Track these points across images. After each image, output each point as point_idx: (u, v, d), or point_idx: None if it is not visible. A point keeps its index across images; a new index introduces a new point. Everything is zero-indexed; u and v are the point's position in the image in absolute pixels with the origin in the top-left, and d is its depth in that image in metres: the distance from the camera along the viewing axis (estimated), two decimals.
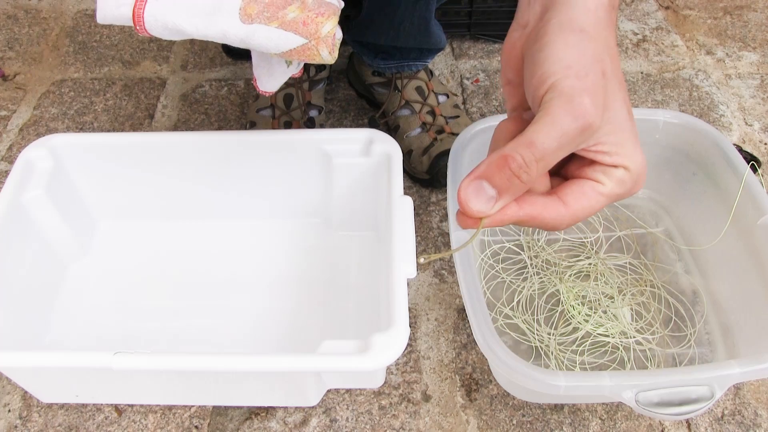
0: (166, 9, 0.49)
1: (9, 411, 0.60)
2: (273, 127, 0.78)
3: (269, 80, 0.58)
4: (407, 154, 0.78)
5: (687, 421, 0.59)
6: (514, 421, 0.59)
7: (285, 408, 0.60)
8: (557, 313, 0.65)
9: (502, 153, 0.33)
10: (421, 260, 0.39)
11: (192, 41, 1.00)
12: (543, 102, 0.33)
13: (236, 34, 0.50)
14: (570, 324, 0.64)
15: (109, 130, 0.86)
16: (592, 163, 0.36)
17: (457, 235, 0.57)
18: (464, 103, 0.90)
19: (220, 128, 0.86)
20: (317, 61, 0.52)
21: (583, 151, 0.35)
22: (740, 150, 0.68)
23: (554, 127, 0.32)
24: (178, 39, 0.51)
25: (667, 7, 1.06)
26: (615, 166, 0.35)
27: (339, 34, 0.51)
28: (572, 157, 0.37)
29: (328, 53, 0.52)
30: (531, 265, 0.69)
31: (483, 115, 0.88)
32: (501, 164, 0.33)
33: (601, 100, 0.33)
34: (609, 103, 0.34)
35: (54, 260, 0.67)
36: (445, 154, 0.73)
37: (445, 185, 0.61)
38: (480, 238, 0.71)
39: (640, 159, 0.36)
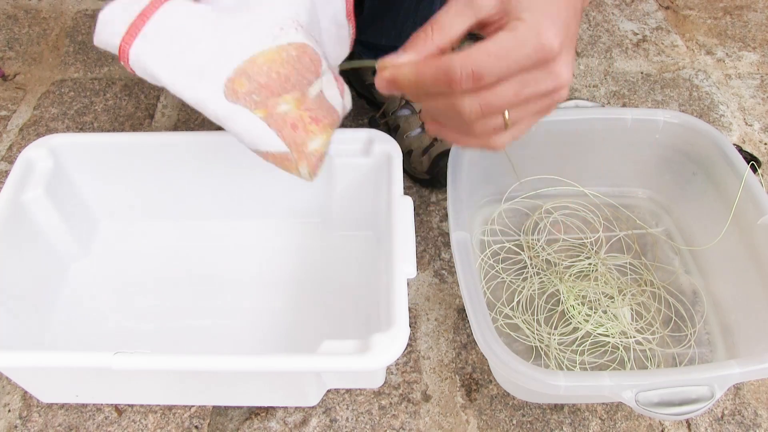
0: (149, 54, 0.45)
1: (9, 411, 0.60)
2: None
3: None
4: (407, 154, 0.78)
5: (687, 421, 0.59)
6: (514, 421, 0.59)
7: (285, 408, 0.60)
8: (557, 313, 0.65)
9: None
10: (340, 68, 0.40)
11: None
12: None
13: (214, 110, 0.45)
14: (570, 324, 0.64)
15: (109, 130, 0.86)
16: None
17: (457, 235, 0.57)
18: None
19: (220, 128, 0.86)
20: (291, 172, 0.47)
21: (494, 24, 0.37)
22: (740, 150, 0.68)
23: (450, 5, 0.37)
24: (158, 84, 0.47)
25: (667, 7, 1.06)
26: (513, 21, 0.35)
27: (326, 151, 0.46)
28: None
29: (307, 172, 0.46)
30: (531, 265, 0.69)
31: None
32: (414, 35, 0.37)
33: None
34: None
35: (54, 260, 0.67)
36: (445, 154, 0.73)
37: (445, 185, 0.61)
38: (480, 238, 0.72)
39: (547, 23, 0.34)
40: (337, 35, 0.51)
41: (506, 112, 0.36)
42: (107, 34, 0.45)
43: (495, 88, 0.35)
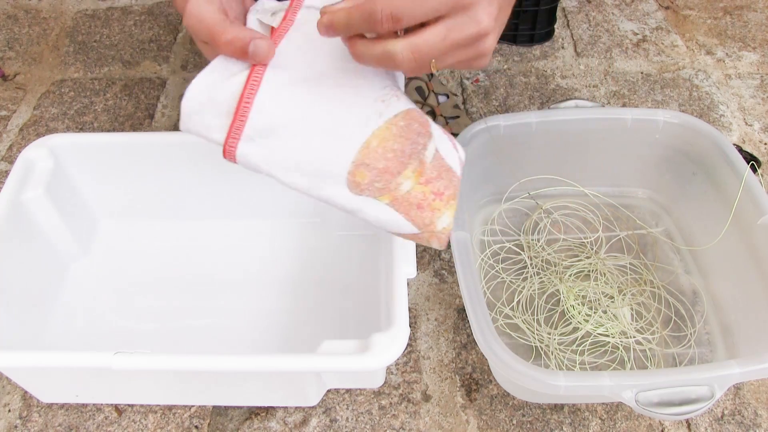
0: (259, 156, 0.43)
1: (9, 411, 0.60)
2: None
3: None
4: None
5: (687, 421, 0.59)
6: (514, 421, 0.59)
7: (285, 408, 0.60)
8: (557, 313, 0.65)
9: None
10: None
11: (191, 41, 1.00)
12: None
13: (341, 204, 0.44)
14: (570, 324, 0.64)
15: (109, 130, 0.86)
16: None
17: (457, 235, 0.57)
18: (464, 103, 0.90)
19: None
20: (422, 243, 0.47)
21: None
22: (740, 150, 0.68)
23: None
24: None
25: (667, 7, 1.06)
26: None
27: (452, 224, 0.46)
28: None
29: (438, 246, 0.46)
30: (531, 265, 0.69)
31: (483, 115, 0.88)
32: None
33: None
34: None
35: (54, 260, 0.67)
36: None
37: None
38: (480, 238, 0.72)
39: None
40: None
41: (433, 61, 0.39)
42: (199, 126, 0.43)
43: (422, 33, 0.38)
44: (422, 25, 0.39)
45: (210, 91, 0.42)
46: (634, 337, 0.63)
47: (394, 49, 0.38)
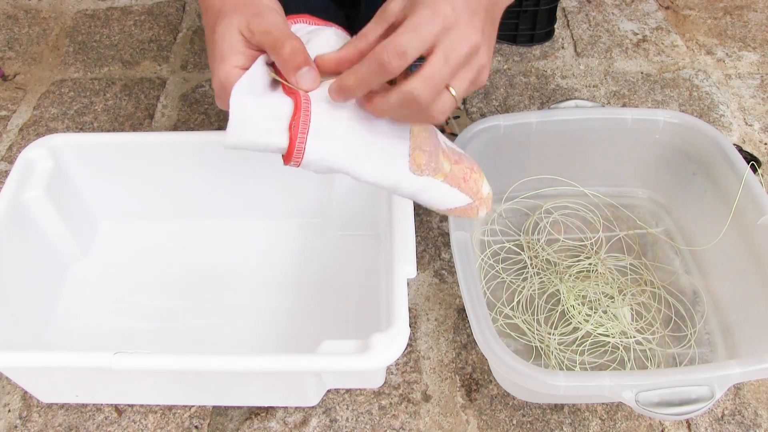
0: (333, 151, 0.42)
1: (9, 411, 0.60)
2: None
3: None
4: None
5: (687, 421, 0.59)
6: (514, 421, 0.59)
7: (285, 408, 0.60)
8: (557, 313, 0.65)
9: None
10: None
11: (191, 41, 1.00)
12: None
13: (407, 187, 0.46)
14: (570, 324, 0.64)
15: (109, 130, 0.86)
16: None
17: (457, 235, 0.57)
18: (464, 103, 0.90)
19: (220, 128, 0.86)
20: (471, 218, 0.51)
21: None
22: (740, 150, 0.68)
23: (372, 19, 0.43)
24: (326, 173, 0.45)
25: (667, 7, 1.06)
26: (413, 8, 0.40)
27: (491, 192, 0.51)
28: None
29: (485, 213, 0.51)
30: (531, 265, 0.69)
31: (483, 115, 0.88)
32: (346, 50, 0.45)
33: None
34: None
35: (54, 260, 0.67)
36: None
37: None
38: (480, 238, 0.72)
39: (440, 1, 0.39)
40: None
41: (451, 89, 0.41)
42: (253, 134, 0.40)
43: (426, 63, 0.40)
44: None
45: (257, 98, 0.41)
46: (634, 337, 0.63)
47: (409, 88, 0.39)
